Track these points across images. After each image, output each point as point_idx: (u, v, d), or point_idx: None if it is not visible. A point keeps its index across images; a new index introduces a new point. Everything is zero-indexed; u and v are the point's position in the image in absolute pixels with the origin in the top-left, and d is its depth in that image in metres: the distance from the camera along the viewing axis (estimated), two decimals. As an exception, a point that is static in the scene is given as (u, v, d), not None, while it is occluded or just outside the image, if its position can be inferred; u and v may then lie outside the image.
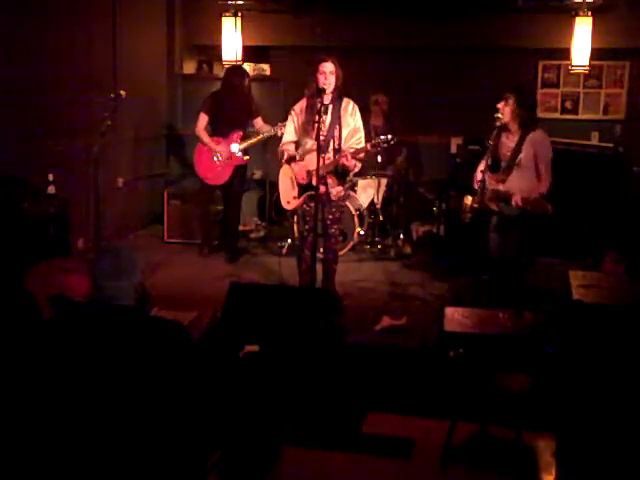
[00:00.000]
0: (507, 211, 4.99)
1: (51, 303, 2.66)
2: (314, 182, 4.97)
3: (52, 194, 5.66)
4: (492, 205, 5.05)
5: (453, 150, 7.98)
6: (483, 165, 5.10)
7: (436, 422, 3.93)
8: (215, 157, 6.65)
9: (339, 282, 5.59)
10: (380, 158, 7.03)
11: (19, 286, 3.78)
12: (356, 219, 6.68)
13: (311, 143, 5.11)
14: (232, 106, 6.63)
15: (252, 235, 7.57)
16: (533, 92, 7.94)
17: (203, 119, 6.67)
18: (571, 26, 7.06)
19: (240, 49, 7.74)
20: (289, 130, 5.33)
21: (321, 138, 4.90)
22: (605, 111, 7.93)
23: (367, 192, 7.05)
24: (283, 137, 5.39)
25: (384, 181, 7.14)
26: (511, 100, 4.97)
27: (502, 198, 5.03)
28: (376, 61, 8.06)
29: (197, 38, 8.54)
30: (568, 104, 8.02)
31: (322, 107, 4.96)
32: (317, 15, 7.92)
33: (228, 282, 4.62)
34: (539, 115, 7.90)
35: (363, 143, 5.21)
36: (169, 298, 4.92)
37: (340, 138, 5.16)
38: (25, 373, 2.59)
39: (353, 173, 5.45)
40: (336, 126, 5.15)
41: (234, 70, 6.99)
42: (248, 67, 8.62)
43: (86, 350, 2.48)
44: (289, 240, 6.81)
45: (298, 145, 5.31)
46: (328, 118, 5.12)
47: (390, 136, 5.14)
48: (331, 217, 5.31)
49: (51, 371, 2.51)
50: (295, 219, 6.59)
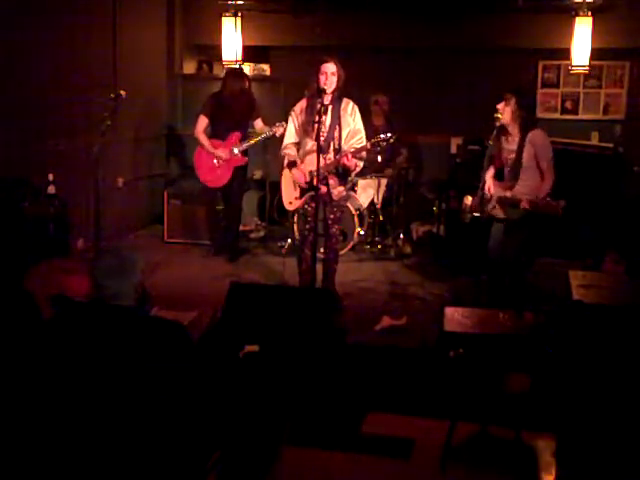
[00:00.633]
0: (514, 215, 4.97)
1: (51, 303, 2.66)
2: (315, 182, 4.97)
3: (52, 194, 5.66)
4: (499, 213, 5.04)
5: (453, 150, 7.99)
6: (491, 172, 5.11)
7: (436, 422, 3.93)
8: (214, 159, 6.64)
9: (339, 282, 5.59)
10: (380, 158, 7.04)
11: (19, 286, 3.79)
12: (356, 219, 6.68)
13: (311, 144, 5.11)
14: (233, 109, 6.63)
15: (252, 235, 7.57)
16: (533, 92, 7.96)
17: (202, 121, 6.66)
18: (571, 26, 7.06)
19: (240, 49, 7.74)
20: (290, 131, 5.32)
21: (321, 139, 4.90)
22: (605, 111, 7.94)
23: (367, 192, 7.05)
24: (284, 138, 5.38)
25: (384, 181, 7.14)
26: (512, 101, 4.95)
27: (509, 204, 5.01)
28: (376, 61, 8.06)
29: (197, 38, 8.54)
30: (568, 104, 8.02)
31: (322, 107, 4.96)
32: (317, 15, 7.91)
33: (228, 282, 4.62)
34: (539, 115, 7.95)
35: (364, 143, 5.21)
36: (169, 298, 4.92)
37: (340, 138, 5.17)
38: (25, 373, 2.59)
39: (355, 173, 5.45)
40: (336, 126, 5.15)
41: (234, 73, 6.98)
42: (248, 67, 8.62)
43: (86, 350, 2.48)
44: (289, 240, 6.81)
45: (299, 146, 5.31)
46: (328, 118, 5.12)
47: (390, 134, 5.14)
48: (332, 217, 5.31)
49: (51, 371, 2.51)
50: (295, 219, 6.59)
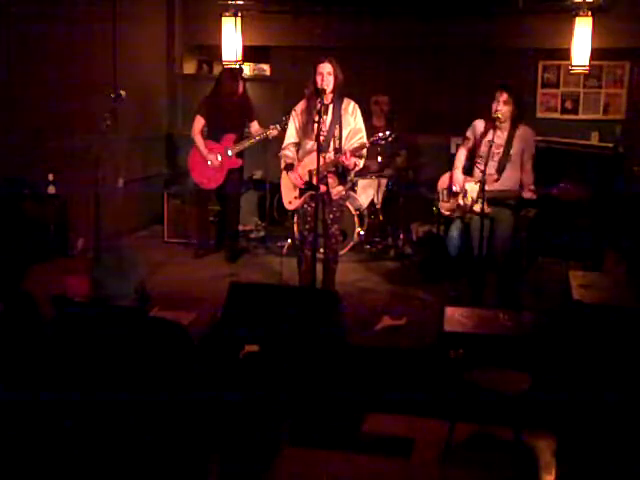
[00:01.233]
0: (503, 210, 5.13)
1: (51, 303, 2.66)
2: (314, 182, 4.98)
3: (52, 194, 5.66)
4: (487, 209, 5.07)
5: (453, 150, 7.97)
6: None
7: (436, 422, 3.93)
8: (208, 161, 6.64)
9: (339, 282, 5.59)
10: (380, 158, 7.03)
11: (19, 286, 3.79)
12: (356, 219, 6.67)
13: (311, 144, 5.11)
14: (227, 110, 6.60)
15: (252, 235, 7.57)
16: (533, 92, 7.96)
17: (199, 122, 6.65)
18: (571, 26, 7.05)
19: (240, 49, 7.73)
20: (290, 131, 5.33)
21: (321, 138, 4.90)
22: (605, 111, 7.93)
23: (367, 192, 7.05)
24: (285, 139, 5.39)
25: (384, 181, 7.13)
26: (510, 98, 5.08)
27: (500, 197, 5.07)
28: (376, 61, 8.05)
29: (197, 38, 8.54)
30: (568, 104, 8.01)
31: (322, 107, 4.96)
32: (317, 15, 7.91)
33: (228, 282, 4.62)
34: (539, 115, 7.96)
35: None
36: (169, 298, 4.93)
37: (340, 138, 5.17)
38: (25, 373, 2.59)
39: (354, 172, 5.45)
40: (336, 126, 5.15)
41: (228, 72, 6.95)
42: (248, 67, 8.62)
43: (86, 350, 2.48)
44: (289, 240, 6.81)
45: (299, 146, 5.31)
46: (328, 118, 5.12)
47: (389, 132, 5.15)
48: (332, 217, 5.31)
49: (51, 371, 2.51)
50: (295, 219, 6.58)
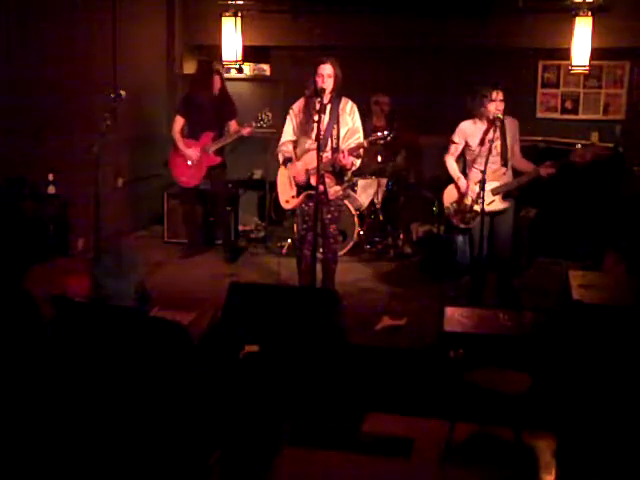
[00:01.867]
0: (504, 203, 5.24)
1: (51, 303, 2.66)
2: (313, 182, 4.97)
3: (52, 194, 5.66)
4: (500, 205, 5.13)
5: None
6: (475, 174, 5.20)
7: (436, 422, 3.93)
8: (188, 159, 6.61)
9: (339, 282, 5.59)
10: (380, 158, 7.03)
11: (19, 286, 3.79)
12: (356, 219, 6.68)
13: (309, 143, 5.12)
14: (204, 107, 6.54)
15: (252, 235, 7.57)
16: (533, 92, 7.98)
17: (178, 121, 6.64)
18: (571, 26, 7.06)
19: (240, 49, 7.73)
20: (287, 129, 5.32)
21: (320, 137, 4.90)
22: (605, 111, 7.92)
23: (367, 192, 7.04)
24: (282, 136, 5.38)
25: (384, 181, 7.13)
26: (503, 97, 5.17)
27: (508, 192, 5.15)
28: (376, 61, 8.04)
29: (197, 38, 8.53)
30: (568, 104, 8.01)
31: (321, 107, 4.96)
32: (317, 15, 7.91)
33: (228, 282, 4.62)
34: (539, 115, 7.96)
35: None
36: (169, 298, 4.92)
37: (338, 137, 5.16)
38: (26, 373, 2.59)
39: (352, 172, 5.45)
40: (334, 125, 5.15)
41: (203, 69, 6.86)
42: (248, 67, 8.61)
43: (86, 350, 2.48)
44: (289, 240, 6.81)
45: (296, 144, 5.31)
46: (326, 117, 5.12)
47: (387, 132, 5.13)
48: (329, 217, 5.30)
49: (52, 371, 2.51)
50: (295, 219, 6.58)
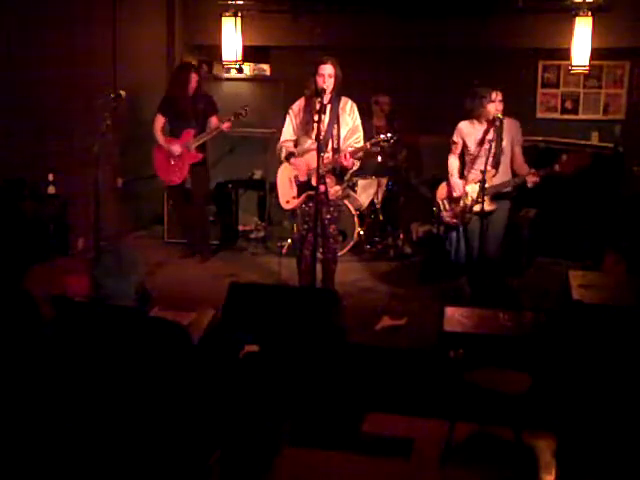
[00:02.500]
0: (498, 203, 5.20)
1: (51, 303, 2.66)
2: (314, 182, 4.97)
3: (52, 194, 5.66)
4: (489, 206, 5.11)
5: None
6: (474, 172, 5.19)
7: (436, 422, 3.93)
8: (170, 156, 6.58)
9: (339, 282, 5.59)
10: (380, 158, 7.03)
11: (19, 286, 3.79)
12: (356, 219, 6.67)
13: (310, 142, 5.12)
14: (184, 105, 6.51)
15: (252, 235, 7.57)
16: (533, 92, 7.98)
17: (158, 120, 6.62)
18: (571, 26, 7.06)
19: (240, 49, 7.73)
20: (287, 129, 5.32)
21: (320, 137, 4.90)
22: (605, 111, 7.93)
23: (367, 192, 7.04)
24: (282, 135, 5.37)
25: (384, 181, 7.13)
26: (502, 95, 5.17)
27: (500, 189, 5.13)
28: (376, 61, 8.04)
29: (197, 38, 8.53)
30: (568, 104, 8.01)
31: (321, 107, 4.96)
32: (317, 15, 7.91)
33: (228, 282, 4.62)
34: (539, 115, 7.97)
35: (362, 142, 5.21)
36: (169, 298, 4.92)
37: (339, 137, 5.17)
38: (26, 373, 2.59)
39: (352, 172, 5.44)
40: (334, 125, 5.15)
41: (181, 67, 6.88)
42: (248, 67, 8.62)
43: (86, 350, 2.48)
44: (289, 240, 6.81)
45: (297, 144, 5.31)
46: (327, 117, 5.11)
47: (390, 135, 5.14)
48: (329, 217, 5.29)
49: (52, 371, 2.51)
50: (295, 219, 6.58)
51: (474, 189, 5.22)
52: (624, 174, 6.84)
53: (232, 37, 7.68)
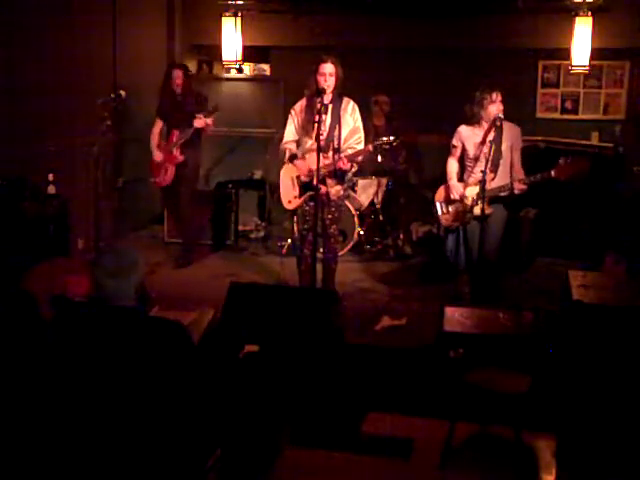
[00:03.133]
0: (495, 207, 5.17)
1: (51, 303, 2.67)
2: (315, 182, 4.97)
3: (52, 194, 5.65)
4: (487, 209, 5.10)
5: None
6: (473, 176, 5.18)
7: (436, 422, 3.93)
8: (160, 160, 6.54)
9: (339, 282, 5.59)
10: (380, 158, 7.03)
11: (19, 286, 3.79)
12: (356, 219, 6.67)
13: (311, 143, 5.12)
14: (170, 105, 6.47)
15: (252, 235, 7.57)
16: (533, 92, 7.98)
17: (157, 124, 6.58)
18: (571, 26, 7.06)
19: (240, 49, 7.74)
20: (289, 130, 5.32)
21: (321, 138, 4.90)
22: (605, 111, 7.93)
23: (367, 192, 7.04)
24: (284, 136, 5.38)
25: (384, 181, 7.13)
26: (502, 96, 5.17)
27: (496, 193, 5.11)
28: (376, 61, 8.05)
29: (197, 38, 8.54)
30: (568, 104, 8.01)
31: (322, 107, 4.96)
32: (317, 15, 7.91)
33: (228, 282, 4.63)
34: (539, 115, 7.97)
35: (362, 143, 5.21)
36: (169, 298, 4.92)
37: (340, 138, 5.16)
38: (26, 373, 2.59)
39: (351, 173, 5.45)
40: (336, 126, 5.14)
41: (168, 70, 6.67)
42: (248, 67, 8.62)
43: (86, 350, 2.48)
44: (289, 240, 6.81)
45: (298, 144, 5.31)
46: (328, 118, 5.12)
47: (392, 137, 5.14)
48: (330, 217, 5.30)
49: (52, 371, 2.51)
50: (295, 219, 6.58)
51: (473, 192, 5.21)
52: (624, 174, 6.84)
53: (232, 37, 7.68)
